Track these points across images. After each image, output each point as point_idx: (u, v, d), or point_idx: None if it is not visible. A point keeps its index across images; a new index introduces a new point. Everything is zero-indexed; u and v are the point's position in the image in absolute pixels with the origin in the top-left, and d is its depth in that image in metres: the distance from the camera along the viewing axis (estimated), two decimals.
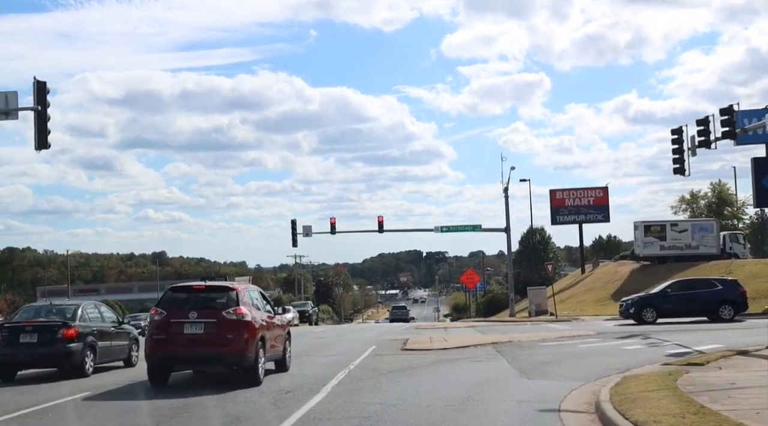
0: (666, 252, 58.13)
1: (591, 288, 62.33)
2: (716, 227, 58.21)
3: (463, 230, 57.38)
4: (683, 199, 79.43)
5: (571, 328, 34.78)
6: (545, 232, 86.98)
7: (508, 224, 54.97)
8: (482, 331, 34.78)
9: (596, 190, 72.26)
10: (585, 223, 71.68)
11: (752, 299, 36.71)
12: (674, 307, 34.18)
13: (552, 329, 33.70)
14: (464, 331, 36.09)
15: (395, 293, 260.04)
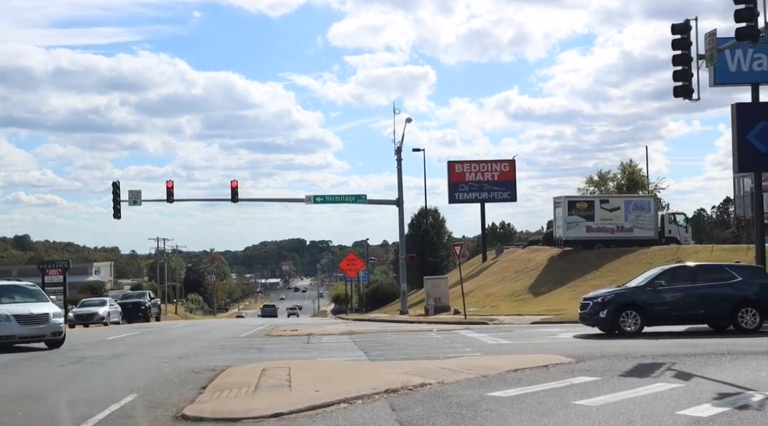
0: (594, 235, 45.43)
1: (500, 278, 48.91)
2: (653, 206, 45.90)
3: (342, 201, 42.97)
4: (591, 180, 67.55)
5: (499, 340, 20.98)
6: (439, 214, 73.66)
7: (401, 195, 41.02)
8: (366, 348, 20.24)
9: (502, 163, 59.19)
10: (488, 201, 58.52)
11: None
12: (671, 309, 20.64)
13: (477, 346, 19.75)
14: (336, 345, 21.46)
15: (276, 282, 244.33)
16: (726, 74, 29.42)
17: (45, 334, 20.43)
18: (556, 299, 37.85)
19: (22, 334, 20.09)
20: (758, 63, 29.45)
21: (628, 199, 46.80)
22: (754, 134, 29.49)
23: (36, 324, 20.24)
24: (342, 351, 18.90)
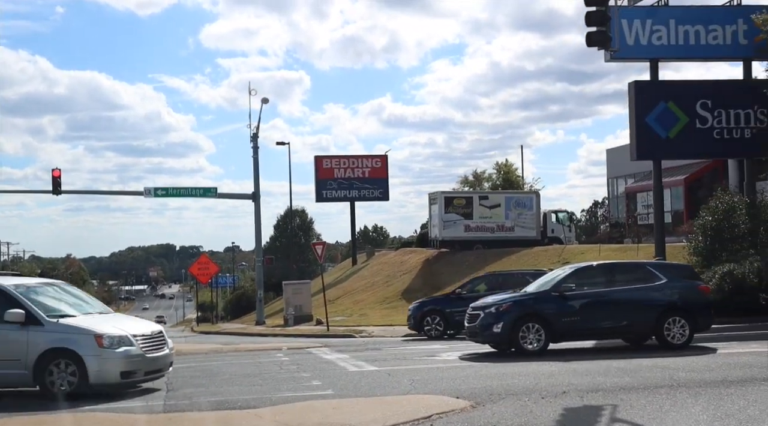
0: (472, 234, 40.80)
1: (370, 283, 43.52)
2: (536, 202, 41.72)
3: (189, 194, 36.36)
4: (466, 180, 63.59)
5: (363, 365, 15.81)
6: (307, 215, 67.71)
7: (257, 188, 34.93)
8: (177, 382, 14.37)
9: (373, 159, 53.93)
10: (359, 200, 53.14)
11: None
12: (583, 320, 15.63)
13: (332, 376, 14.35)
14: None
15: (143, 289, 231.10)
16: (623, 48, 25.11)
17: (165, 366, 13.05)
18: None
19: (150, 369, 12.58)
20: (658, 36, 25.41)
21: (509, 196, 42.50)
22: (653, 117, 25.47)
23: (160, 349, 12.79)
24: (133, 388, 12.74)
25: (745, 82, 25.57)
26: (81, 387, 11.73)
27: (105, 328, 12.18)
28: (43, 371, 11.78)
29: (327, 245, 32.44)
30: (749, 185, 25.65)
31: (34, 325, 11.99)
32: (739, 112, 25.21)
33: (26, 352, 11.85)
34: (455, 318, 22.00)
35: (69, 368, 11.80)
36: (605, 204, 71.75)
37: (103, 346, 11.86)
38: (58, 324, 12.09)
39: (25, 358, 11.84)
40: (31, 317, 12.00)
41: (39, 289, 13.02)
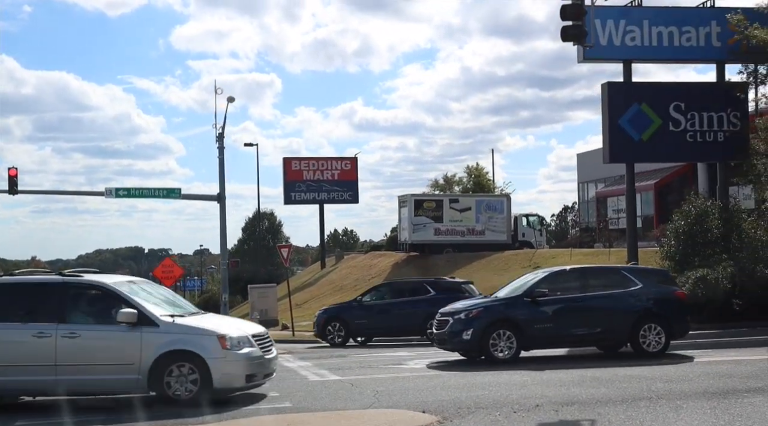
0: (442, 238, 40.11)
1: (339, 287, 42.62)
2: (507, 206, 41.09)
3: (152, 195, 35.15)
4: (436, 183, 62.97)
5: (326, 374, 15.18)
6: (275, 218, 66.63)
7: (223, 189, 33.87)
8: None
9: (343, 161, 53.00)
10: (328, 202, 52.20)
11: None
12: (556, 327, 14.95)
13: (292, 386, 13.71)
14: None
15: None
16: (597, 48, 24.51)
17: (275, 369, 12.28)
18: None
19: (267, 371, 11.86)
20: (631, 36, 24.81)
21: (479, 199, 41.81)
22: (626, 119, 24.89)
23: (270, 351, 12.09)
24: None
25: (718, 85, 25.12)
26: (203, 392, 10.78)
27: (225, 328, 11.34)
28: (160, 376, 10.79)
29: (298, 249, 31.56)
30: (722, 189, 25.19)
31: (147, 326, 11.00)
32: (713, 115, 24.72)
33: (140, 356, 10.86)
34: (356, 325, 22.64)
35: (189, 372, 10.85)
36: (575, 209, 71.68)
37: (226, 347, 10.94)
38: (174, 324, 11.13)
39: (138, 361, 10.86)
40: (143, 317, 10.99)
41: (134, 288, 11.91)
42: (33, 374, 10.93)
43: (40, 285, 11.61)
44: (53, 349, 10.87)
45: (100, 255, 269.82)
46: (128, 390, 11.22)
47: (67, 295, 11.35)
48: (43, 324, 11.00)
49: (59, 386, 10.91)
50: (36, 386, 11.15)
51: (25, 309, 11.25)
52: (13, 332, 11.05)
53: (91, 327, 11.20)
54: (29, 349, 10.94)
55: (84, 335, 11.01)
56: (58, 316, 11.08)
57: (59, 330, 10.94)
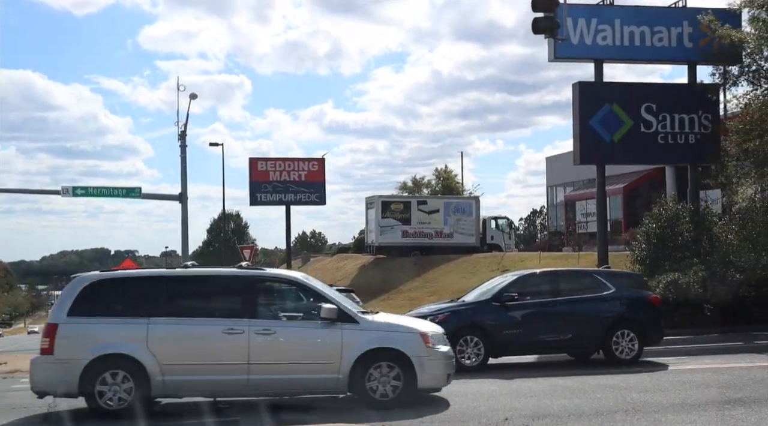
0: (410, 240, 39.43)
1: None
2: (475, 208, 40.47)
3: (111, 194, 34.00)
4: (405, 186, 62.31)
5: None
6: (241, 220, 65.45)
7: (185, 188, 32.91)
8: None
9: (310, 161, 51.58)
10: (295, 204, 50.81)
11: None
12: (525, 333, 14.23)
13: None
14: None
15: None
16: (568, 47, 23.98)
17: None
18: None
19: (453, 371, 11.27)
20: (603, 36, 24.23)
21: (448, 201, 41.19)
22: (597, 119, 24.33)
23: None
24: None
25: (690, 86, 24.67)
26: (405, 393, 10.18)
27: (423, 326, 10.82)
28: (361, 375, 10.11)
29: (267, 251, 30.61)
30: (692, 192, 24.76)
31: (347, 323, 10.26)
32: (684, 116, 24.26)
33: (340, 354, 10.13)
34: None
35: (392, 372, 10.18)
36: (544, 212, 71.55)
37: (429, 345, 10.33)
38: (374, 321, 10.51)
39: (339, 360, 10.13)
40: (342, 314, 10.25)
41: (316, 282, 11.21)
42: (224, 373, 10.09)
43: (227, 278, 10.80)
44: (246, 347, 10.04)
45: (65, 256, 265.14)
46: (327, 390, 10.49)
47: (256, 289, 10.57)
48: (233, 319, 10.18)
49: (252, 386, 10.16)
50: (227, 386, 10.23)
51: (212, 303, 10.60)
52: (201, 328, 10.21)
53: (287, 323, 10.49)
54: (219, 346, 10.10)
55: (279, 332, 10.23)
56: (249, 312, 10.28)
57: (252, 326, 10.13)
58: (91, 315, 10.16)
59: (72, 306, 10.08)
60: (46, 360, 10.02)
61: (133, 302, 10.38)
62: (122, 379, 9.89)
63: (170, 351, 10.03)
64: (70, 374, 9.84)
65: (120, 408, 9.81)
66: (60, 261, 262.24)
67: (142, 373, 9.90)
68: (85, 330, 10.12)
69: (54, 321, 10.12)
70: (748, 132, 22.56)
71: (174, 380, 10.00)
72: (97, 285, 10.34)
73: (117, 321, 10.21)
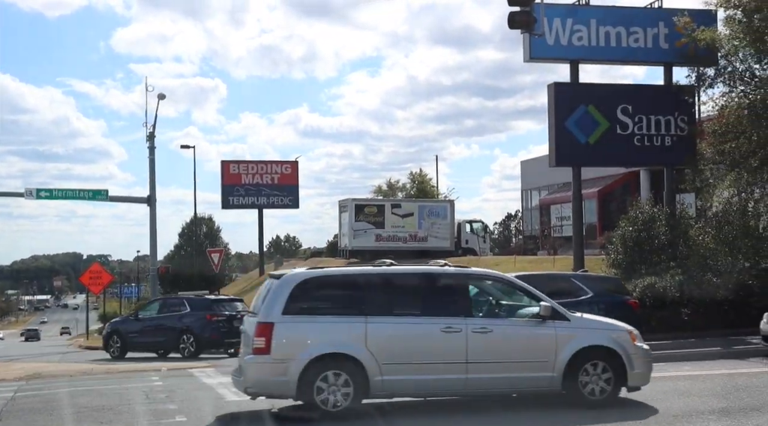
0: (384, 244, 38.79)
1: None
2: (450, 212, 39.98)
3: (77, 197, 33.04)
4: (379, 189, 61.77)
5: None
6: (214, 223, 64.50)
7: (153, 191, 32.02)
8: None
9: (283, 164, 51.39)
10: (267, 207, 50.51)
11: None
12: None
13: (202, 410, 12.11)
14: None
15: (46, 299, 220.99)
16: (543, 47, 23.57)
17: None
18: None
19: None
20: (578, 36, 23.82)
21: (422, 204, 40.67)
22: (573, 121, 23.89)
23: None
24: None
25: (666, 88, 24.32)
26: (615, 391, 10.15)
27: (625, 324, 10.73)
28: (573, 374, 9.99)
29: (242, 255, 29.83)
30: (669, 195, 24.40)
31: (559, 321, 10.18)
32: (660, 118, 23.91)
33: (555, 352, 10.03)
34: (131, 339, 23.53)
35: (603, 371, 10.10)
36: (518, 216, 71.31)
37: (636, 343, 10.32)
38: (583, 319, 10.58)
39: (553, 358, 10.02)
40: (554, 312, 10.19)
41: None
42: (442, 373, 9.93)
43: (438, 275, 10.49)
44: (464, 346, 9.86)
45: (37, 261, 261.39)
46: (540, 388, 10.31)
47: (468, 286, 10.46)
48: (449, 318, 9.94)
49: (469, 385, 10.05)
50: (444, 385, 10.09)
51: (426, 301, 10.25)
52: (419, 327, 9.98)
53: (502, 321, 10.36)
54: (437, 345, 9.88)
55: (495, 330, 10.05)
56: (463, 310, 10.09)
57: (468, 324, 9.93)
58: (305, 313, 9.88)
59: (286, 305, 9.74)
60: (262, 360, 9.61)
61: (346, 300, 10.13)
62: (341, 379, 9.61)
63: (389, 350, 9.76)
64: (289, 374, 9.53)
65: (338, 409, 9.54)
66: (31, 265, 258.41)
67: (361, 373, 9.63)
68: (303, 329, 9.79)
69: (269, 320, 9.70)
70: (724, 134, 22.27)
71: (392, 380, 9.74)
72: (307, 283, 10.03)
73: (333, 320, 9.92)
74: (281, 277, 10.17)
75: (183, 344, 22.46)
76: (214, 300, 24.25)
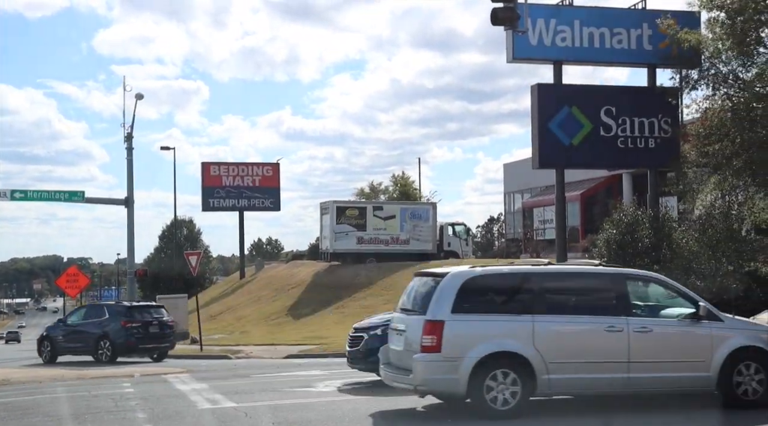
0: (365, 247, 38.38)
1: (256, 298, 40.45)
2: (432, 214, 39.63)
3: (53, 198, 32.33)
4: (362, 192, 61.30)
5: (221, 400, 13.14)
6: (194, 225, 63.83)
7: (131, 192, 31.43)
8: None
9: (264, 166, 50.91)
10: (249, 210, 50.01)
11: None
12: None
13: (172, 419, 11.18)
14: None
15: (25, 302, 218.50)
16: (526, 48, 23.31)
17: None
18: (319, 323, 30.21)
19: None
20: (562, 37, 23.59)
21: (404, 207, 40.28)
22: (556, 122, 23.64)
23: None
24: None
25: (650, 90, 24.11)
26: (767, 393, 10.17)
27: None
28: (729, 374, 10.14)
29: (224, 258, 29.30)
30: (652, 198, 24.20)
31: (714, 322, 10.36)
32: (644, 120, 23.70)
33: (711, 352, 10.18)
34: (59, 343, 23.97)
35: (756, 372, 10.20)
36: (501, 220, 71.15)
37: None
38: (735, 319, 10.85)
39: (709, 358, 10.17)
40: (709, 313, 10.35)
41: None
42: (604, 371, 10.04)
43: (599, 275, 10.77)
44: (626, 345, 10.00)
45: (16, 263, 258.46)
46: (695, 388, 10.42)
47: (627, 286, 10.48)
48: (611, 317, 10.07)
49: (631, 384, 10.12)
50: (606, 384, 10.15)
51: (588, 300, 10.40)
52: (583, 326, 10.10)
53: (659, 321, 10.47)
54: (601, 344, 10.03)
55: (655, 330, 10.23)
56: (624, 309, 10.21)
57: (630, 324, 10.07)
58: (472, 312, 9.92)
59: (454, 303, 9.78)
60: (432, 358, 9.62)
61: (512, 299, 10.22)
62: (509, 378, 9.68)
63: (555, 349, 9.87)
64: (460, 373, 9.59)
65: (506, 408, 9.60)
66: (10, 268, 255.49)
67: (529, 372, 9.72)
68: (472, 327, 9.87)
69: (439, 318, 9.72)
70: (708, 136, 22.06)
71: (558, 378, 9.86)
72: (473, 282, 10.09)
73: (501, 318, 9.99)
74: (445, 276, 10.13)
75: (101, 349, 23.23)
76: (131, 306, 25.27)
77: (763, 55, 22.37)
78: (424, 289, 10.39)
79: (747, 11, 21.09)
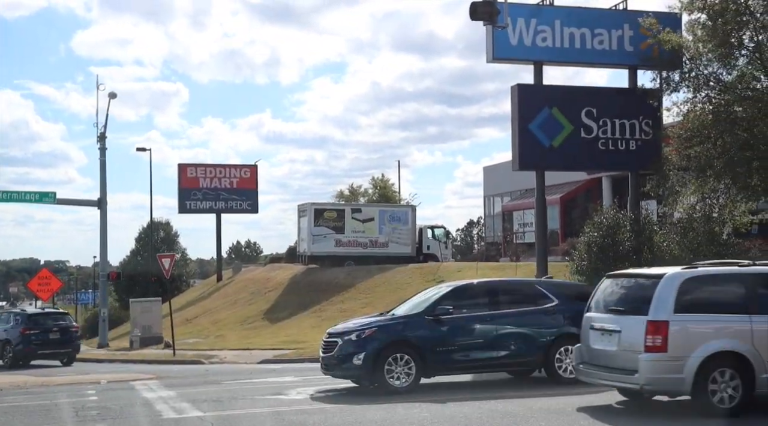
0: (343, 250, 37.78)
1: (233, 301, 39.72)
2: (411, 217, 39.12)
3: (23, 199, 31.46)
4: (341, 195, 60.70)
5: (189, 408, 12.56)
6: (171, 228, 62.87)
7: (104, 193, 30.63)
8: None
9: (242, 168, 50.12)
10: (226, 212, 49.18)
11: None
12: (461, 349, 12.82)
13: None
14: None
15: (0, 305, 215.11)
16: (506, 48, 22.90)
17: None
18: (296, 327, 29.61)
19: None
20: (542, 37, 23.20)
21: (383, 209, 39.73)
22: (537, 124, 23.22)
23: None
24: None
25: (631, 91, 23.79)
26: None
27: None
28: None
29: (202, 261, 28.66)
30: (633, 201, 23.87)
31: None
32: (625, 122, 23.36)
33: None
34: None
35: None
36: (481, 223, 70.84)
37: None
38: None
39: None
40: None
41: None
42: None
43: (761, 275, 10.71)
44: None
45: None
46: None
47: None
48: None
49: None
50: None
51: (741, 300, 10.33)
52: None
53: None
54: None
55: None
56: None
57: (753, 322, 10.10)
58: (692, 312, 10.05)
59: (675, 303, 9.93)
60: (659, 358, 9.76)
61: (729, 299, 10.33)
62: (730, 376, 9.81)
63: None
64: (686, 372, 9.71)
65: (728, 406, 9.70)
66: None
67: (749, 371, 9.84)
68: (695, 327, 10.00)
69: (664, 318, 9.87)
70: (689, 138, 21.78)
71: None
72: (690, 282, 10.23)
73: (720, 318, 10.10)
74: (664, 277, 10.20)
75: (4, 355, 24.24)
76: (33, 314, 26.38)
77: (744, 57, 22.20)
78: (634, 290, 10.61)
79: (728, 13, 20.84)
